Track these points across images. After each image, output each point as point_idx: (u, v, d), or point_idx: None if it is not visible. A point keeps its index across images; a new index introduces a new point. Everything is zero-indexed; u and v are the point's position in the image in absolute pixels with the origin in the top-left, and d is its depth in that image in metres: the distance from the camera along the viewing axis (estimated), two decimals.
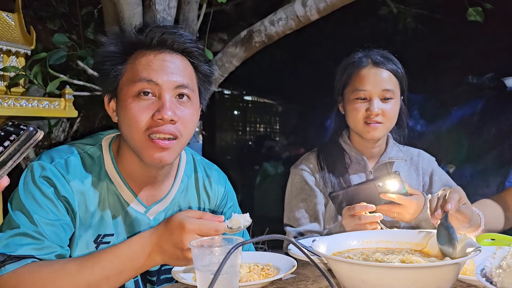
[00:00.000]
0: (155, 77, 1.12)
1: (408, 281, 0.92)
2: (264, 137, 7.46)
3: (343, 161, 1.71)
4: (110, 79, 1.17)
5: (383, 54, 1.66)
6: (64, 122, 2.99)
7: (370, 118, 1.60)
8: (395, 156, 1.72)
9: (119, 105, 1.16)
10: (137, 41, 1.16)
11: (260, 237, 0.84)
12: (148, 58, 1.14)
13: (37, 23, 3.02)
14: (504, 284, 0.70)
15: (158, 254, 1.06)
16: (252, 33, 2.78)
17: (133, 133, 1.13)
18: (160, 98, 1.13)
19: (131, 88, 1.13)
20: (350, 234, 1.23)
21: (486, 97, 4.62)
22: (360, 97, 1.61)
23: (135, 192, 1.22)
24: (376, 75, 1.61)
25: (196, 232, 1.01)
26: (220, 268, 0.73)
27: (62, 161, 1.15)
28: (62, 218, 1.13)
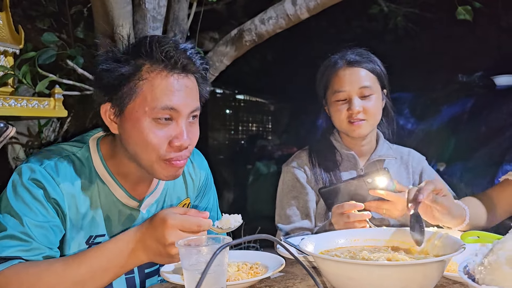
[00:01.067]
0: (177, 105, 1.10)
1: (394, 279, 0.93)
2: (257, 136, 7.47)
3: (334, 158, 1.73)
4: (118, 94, 1.11)
5: (358, 52, 1.69)
6: (54, 122, 2.97)
7: (352, 117, 1.62)
8: (385, 154, 1.74)
9: (130, 124, 1.12)
10: (158, 60, 1.10)
11: (246, 237, 0.84)
12: (168, 82, 1.10)
13: (26, 22, 2.99)
14: (485, 281, 0.71)
15: (142, 251, 1.06)
16: (242, 32, 2.78)
17: (147, 155, 1.12)
18: (178, 124, 1.12)
19: (149, 112, 1.09)
20: (337, 232, 1.24)
21: (475, 95, 4.66)
22: (340, 98, 1.64)
23: (126, 189, 1.22)
24: (352, 75, 1.63)
25: (178, 228, 1.01)
26: (207, 268, 0.74)
27: (52, 164, 1.15)
28: (52, 220, 1.12)
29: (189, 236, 1.01)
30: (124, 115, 1.12)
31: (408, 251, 1.14)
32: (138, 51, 1.12)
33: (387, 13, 4.35)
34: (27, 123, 2.91)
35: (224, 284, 0.91)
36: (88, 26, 2.98)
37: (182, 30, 2.75)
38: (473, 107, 4.45)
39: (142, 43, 1.13)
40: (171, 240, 1.01)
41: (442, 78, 4.76)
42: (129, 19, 2.54)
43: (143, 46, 1.12)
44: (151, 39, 1.13)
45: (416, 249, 1.12)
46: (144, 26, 2.60)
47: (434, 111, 4.33)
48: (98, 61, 1.15)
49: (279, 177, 1.82)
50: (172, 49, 1.11)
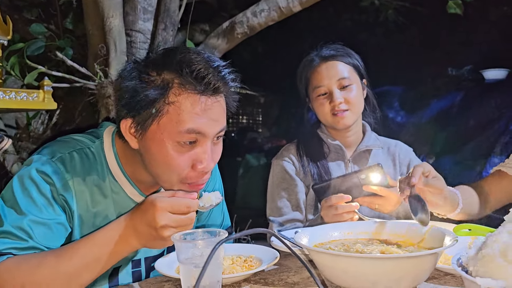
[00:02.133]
0: (203, 129, 1.06)
1: (388, 271, 0.94)
2: (247, 128, 7.46)
3: (321, 150, 1.76)
4: (143, 115, 1.06)
5: (332, 47, 1.73)
6: (43, 114, 2.93)
7: (335, 109, 1.65)
8: (372, 144, 1.78)
9: (153, 144, 1.08)
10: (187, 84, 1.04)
11: (244, 231, 0.84)
12: (196, 105, 1.04)
13: (14, 12, 2.93)
14: (478, 273, 0.72)
15: (133, 237, 1.04)
16: (234, 24, 2.76)
17: (168, 177, 1.09)
18: (203, 147, 1.08)
19: (174, 135, 1.05)
20: (331, 225, 1.25)
21: (465, 89, 4.70)
22: (321, 93, 1.68)
23: (138, 187, 1.21)
24: (328, 69, 1.68)
25: (167, 210, 1.00)
26: (206, 264, 0.74)
27: (64, 157, 1.12)
28: (57, 218, 1.09)
29: (179, 217, 1.00)
30: (146, 135, 1.08)
31: (401, 243, 1.15)
32: (166, 66, 1.06)
33: (378, 6, 4.36)
34: (15, 115, 2.87)
35: (220, 277, 0.92)
36: (77, 17, 2.93)
37: (173, 22, 2.73)
38: (462, 101, 4.49)
39: (171, 58, 1.06)
40: (162, 223, 0.99)
41: (432, 71, 4.79)
42: (120, 10, 2.50)
43: (172, 61, 1.05)
44: (183, 57, 1.06)
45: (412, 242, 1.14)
46: (134, 17, 2.57)
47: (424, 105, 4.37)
48: (122, 76, 1.10)
49: (269, 170, 1.83)
50: (204, 68, 1.04)
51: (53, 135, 2.91)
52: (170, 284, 1.14)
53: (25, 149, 2.78)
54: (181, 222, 1.01)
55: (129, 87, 1.07)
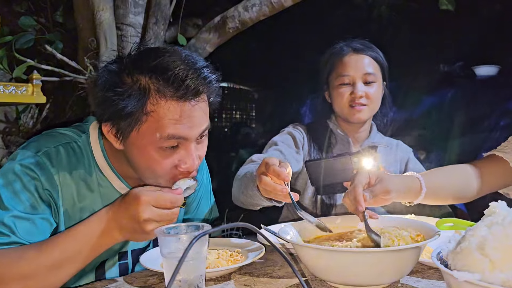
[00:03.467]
0: (184, 134, 1.04)
1: (371, 265, 0.94)
2: (240, 124, 7.45)
3: (329, 140, 1.78)
4: (122, 123, 1.05)
5: (363, 42, 1.75)
6: (32, 108, 2.91)
7: (355, 101, 1.67)
8: (377, 141, 1.80)
9: (135, 149, 1.07)
10: (166, 88, 1.01)
11: (224, 225, 0.84)
12: (174, 112, 1.02)
13: (2, 5, 2.90)
14: (457, 267, 0.72)
15: (116, 230, 1.04)
16: (225, 19, 2.75)
17: (153, 178, 1.09)
18: (186, 149, 1.07)
19: (156, 141, 1.03)
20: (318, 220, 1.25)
21: (456, 85, 4.73)
22: (344, 82, 1.69)
23: (126, 180, 1.20)
24: (357, 61, 1.69)
25: (152, 204, 0.99)
26: (183, 256, 0.74)
27: (49, 151, 1.11)
28: (41, 213, 1.09)
29: (162, 211, 1.00)
30: (128, 140, 1.07)
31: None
32: (142, 70, 1.03)
33: (371, 2, 4.36)
34: (4, 109, 2.85)
35: (203, 271, 0.92)
36: (67, 10, 2.91)
37: (164, 16, 2.71)
38: (454, 97, 4.52)
39: (147, 63, 1.03)
40: (146, 217, 0.99)
41: (424, 67, 4.81)
42: (110, 4, 2.49)
43: (148, 65, 1.02)
44: (159, 61, 1.02)
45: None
46: (125, 11, 2.55)
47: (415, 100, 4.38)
48: (98, 85, 1.07)
49: None
50: (183, 72, 1.01)
51: (42, 129, 2.90)
52: (155, 278, 1.14)
53: (14, 143, 2.76)
54: (165, 216, 1.01)
55: (105, 97, 1.04)
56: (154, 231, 0.97)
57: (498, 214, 0.75)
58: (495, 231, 0.71)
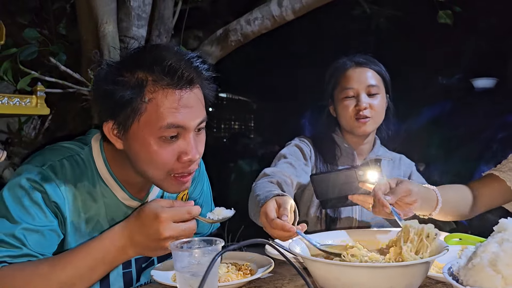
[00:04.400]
0: (183, 122, 1.07)
1: (381, 279, 0.96)
2: (239, 134, 7.47)
3: (333, 152, 1.79)
4: (122, 115, 1.08)
5: (365, 57, 1.78)
6: (35, 119, 2.92)
7: (359, 114, 1.69)
8: (382, 154, 1.82)
9: (136, 143, 1.09)
10: (160, 80, 1.06)
11: (243, 242, 0.86)
12: (173, 101, 1.06)
13: (6, 17, 2.92)
14: (469, 282, 0.74)
15: (130, 247, 1.05)
16: (228, 32, 2.78)
17: (155, 172, 1.11)
18: (185, 139, 1.09)
19: (155, 132, 1.06)
20: (325, 234, 1.27)
21: (455, 97, 4.77)
22: (348, 95, 1.72)
23: (129, 190, 1.22)
24: (361, 74, 1.73)
25: (171, 220, 1.02)
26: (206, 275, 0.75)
27: (54, 165, 1.12)
28: (49, 225, 1.10)
29: (182, 228, 1.02)
30: (128, 134, 1.09)
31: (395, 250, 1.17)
32: (138, 65, 1.07)
33: (370, 15, 4.41)
34: (7, 120, 2.85)
35: (215, 285, 0.93)
36: (70, 22, 2.93)
37: (167, 28, 2.74)
38: (452, 109, 4.56)
39: (143, 58, 1.08)
40: (167, 235, 1.01)
41: (423, 79, 4.86)
42: (114, 17, 2.51)
43: (144, 60, 1.07)
44: (153, 53, 1.08)
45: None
46: (128, 24, 2.58)
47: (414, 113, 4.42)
48: (96, 81, 1.11)
49: None
50: (176, 62, 1.06)
51: (44, 140, 2.90)
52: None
53: (16, 154, 2.77)
54: (184, 232, 1.03)
55: (105, 91, 1.08)
56: (168, 246, 0.98)
57: (508, 231, 0.77)
58: (506, 248, 0.72)
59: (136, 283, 1.29)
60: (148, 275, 1.31)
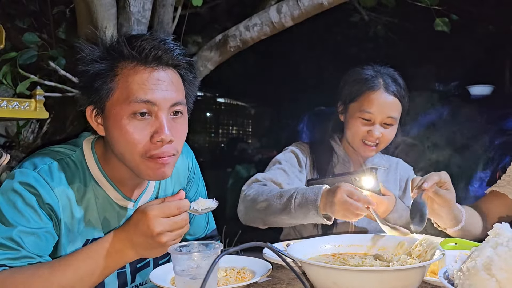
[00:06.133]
0: (152, 98, 1.09)
1: (377, 283, 0.97)
2: (237, 139, 7.49)
3: (330, 159, 1.78)
4: (96, 93, 1.11)
5: (393, 76, 1.70)
6: (33, 123, 2.93)
7: (369, 140, 1.66)
8: (378, 162, 1.82)
9: (110, 122, 1.12)
10: (129, 56, 1.11)
11: (241, 245, 0.87)
12: (142, 76, 1.10)
13: (6, 21, 2.93)
14: (464, 286, 0.75)
15: (129, 249, 1.06)
16: (227, 37, 2.80)
17: (130, 154, 1.11)
18: (157, 118, 1.10)
19: (126, 107, 1.09)
20: (322, 239, 1.28)
21: (451, 104, 4.81)
22: (364, 117, 1.66)
23: (122, 191, 1.22)
24: (385, 102, 1.65)
25: (160, 216, 1.03)
26: (206, 278, 0.76)
27: (46, 167, 1.13)
28: (44, 227, 1.11)
29: (172, 220, 1.03)
30: (105, 115, 1.12)
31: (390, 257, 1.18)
32: (111, 50, 1.13)
33: (368, 22, 4.45)
34: (5, 123, 2.86)
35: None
36: (70, 27, 2.95)
37: (166, 33, 2.75)
38: (449, 116, 4.59)
39: (114, 42, 1.14)
40: (158, 230, 1.02)
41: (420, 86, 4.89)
42: (113, 22, 2.53)
43: (115, 45, 1.13)
44: (122, 38, 1.14)
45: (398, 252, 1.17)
46: (128, 29, 2.59)
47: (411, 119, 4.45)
48: (78, 63, 1.15)
49: None
50: (144, 43, 1.11)
51: (43, 143, 2.91)
52: None
53: (14, 158, 2.77)
54: (175, 225, 1.04)
55: (82, 70, 1.13)
56: (168, 249, 0.99)
57: (503, 235, 0.78)
58: (500, 252, 0.73)
59: (131, 284, 1.30)
60: (143, 275, 1.32)
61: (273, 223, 1.54)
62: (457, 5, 3.58)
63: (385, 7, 3.87)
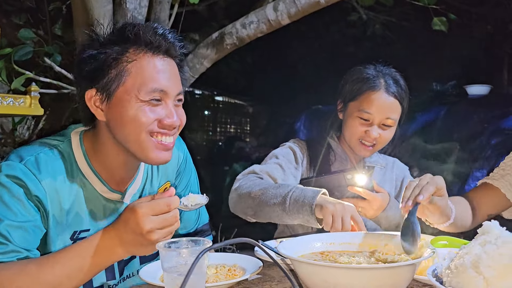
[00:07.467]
0: (165, 86, 1.13)
1: (366, 281, 0.96)
2: (234, 137, 7.49)
3: (328, 157, 1.77)
4: (105, 77, 1.11)
5: (395, 77, 1.69)
6: (29, 119, 2.92)
7: (366, 140, 1.65)
8: (375, 161, 1.81)
9: (118, 106, 1.11)
10: (143, 43, 1.12)
11: (227, 241, 0.86)
12: (155, 63, 1.13)
13: (2, 17, 2.93)
14: (452, 284, 0.75)
15: (119, 247, 1.06)
16: (223, 35, 2.79)
17: (137, 134, 1.12)
18: (167, 105, 1.14)
19: (140, 94, 1.10)
20: (313, 236, 1.28)
21: (449, 103, 4.81)
22: (363, 117, 1.64)
23: (108, 183, 1.22)
24: (385, 103, 1.63)
25: (150, 214, 1.02)
26: (189, 272, 0.75)
27: (33, 159, 1.12)
28: (32, 220, 1.10)
29: (162, 218, 1.03)
30: (112, 100, 1.11)
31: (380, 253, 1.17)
32: (122, 35, 1.12)
33: (366, 21, 4.45)
34: (1, 120, 2.85)
35: (203, 286, 0.93)
36: (66, 23, 2.94)
37: None
38: (446, 115, 4.59)
39: (125, 28, 1.14)
40: (148, 228, 1.01)
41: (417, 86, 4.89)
42: (110, 18, 2.52)
43: (127, 30, 1.13)
44: (134, 24, 1.14)
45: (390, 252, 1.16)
46: None
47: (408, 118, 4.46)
48: (82, 48, 1.15)
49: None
50: (154, 33, 1.13)
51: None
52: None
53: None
54: (165, 222, 1.03)
55: (90, 55, 1.12)
56: (156, 246, 0.99)
57: (491, 233, 0.78)
58: (488, 250, 0.73)
59: (119, 277, 1.29)
60: (131, 267, 1.31)
61: (263, 214, 1.51)
62: (455, 5, 3.58)
63: (383, 6, 3.87)
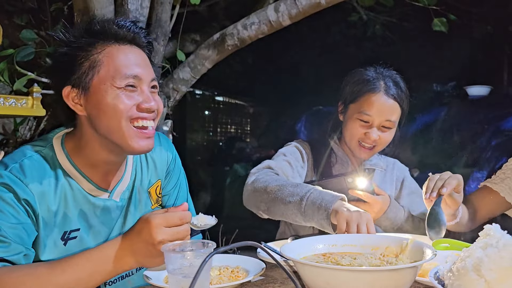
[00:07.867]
0: (138, 72, 1.17)
1: (368, 283, 0.97)
2: (235, 138, 7.49)
3: (329, 159, 1.78)
4: (79, 72, 1.15)
5: (395, 79, 1.69)
6: (30, 120, 2.92)
7: (365, 141, 1.66)
8: (375, 163, 1.82)
9: (98, 97, 1.15)
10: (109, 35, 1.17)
11: (233, 244, 0.87)
12: (124, 52, 1.17)
13: (3, 17, 2.93)
14: (454, 286, 0.76)
15: (130, 256, 1.08)
16: (225, 36, 2.80)
17: (117, 121, 1.14)
18: (142, 90, 1.18)
19: (115, 82, 1.14)
20: (315, 238, 1.28)
21: (449, 104, 4.82)
22: (363, 119, 1.65)
23: (94, 181, 1.23)
24: (384, 105, 1.64)
25: (163, 225, 1.05)
26: (197, 275, 0.76)
27: (17, 166, 1.15)
28: (24, 222, 1.12)
29: (174, 230, 1.05)
30: (89, 92, 1.15)
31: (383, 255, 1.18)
32: (90, 30, 1.17)
33: (366, 21, 4.46)
34: (3, 121, 2.86)
35: (207, 287, 0.94)
36: (68, 24, 2.94)
37: (164, 32, 2.76)
38: (446, 116, 4.60)
39: (91, 24, 1.19)
40: (160, 238, 1.04)
41: (417, 86, 4.90)
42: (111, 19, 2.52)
43: (93, 25, 1.18)
44: (100, 20, 1.20)
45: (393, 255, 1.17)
46: None
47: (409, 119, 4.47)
48: (54, 49, 1.20)
49: None
50: (118, 25, 1.18)
51: None
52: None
53: None
54: (177, 235, 1.06)
55: (61, 52, 1.17)
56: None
57: (492, 236, 0.79)
58: (490, 253, 0.74)
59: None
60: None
61: (276, 211, 1.50)
62: (455, 5, 3.59)
63: (383, 6, 3.88)
